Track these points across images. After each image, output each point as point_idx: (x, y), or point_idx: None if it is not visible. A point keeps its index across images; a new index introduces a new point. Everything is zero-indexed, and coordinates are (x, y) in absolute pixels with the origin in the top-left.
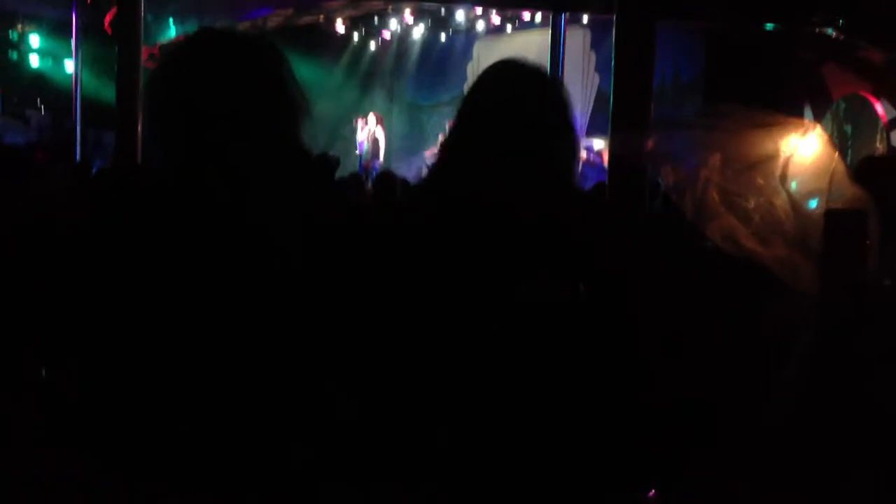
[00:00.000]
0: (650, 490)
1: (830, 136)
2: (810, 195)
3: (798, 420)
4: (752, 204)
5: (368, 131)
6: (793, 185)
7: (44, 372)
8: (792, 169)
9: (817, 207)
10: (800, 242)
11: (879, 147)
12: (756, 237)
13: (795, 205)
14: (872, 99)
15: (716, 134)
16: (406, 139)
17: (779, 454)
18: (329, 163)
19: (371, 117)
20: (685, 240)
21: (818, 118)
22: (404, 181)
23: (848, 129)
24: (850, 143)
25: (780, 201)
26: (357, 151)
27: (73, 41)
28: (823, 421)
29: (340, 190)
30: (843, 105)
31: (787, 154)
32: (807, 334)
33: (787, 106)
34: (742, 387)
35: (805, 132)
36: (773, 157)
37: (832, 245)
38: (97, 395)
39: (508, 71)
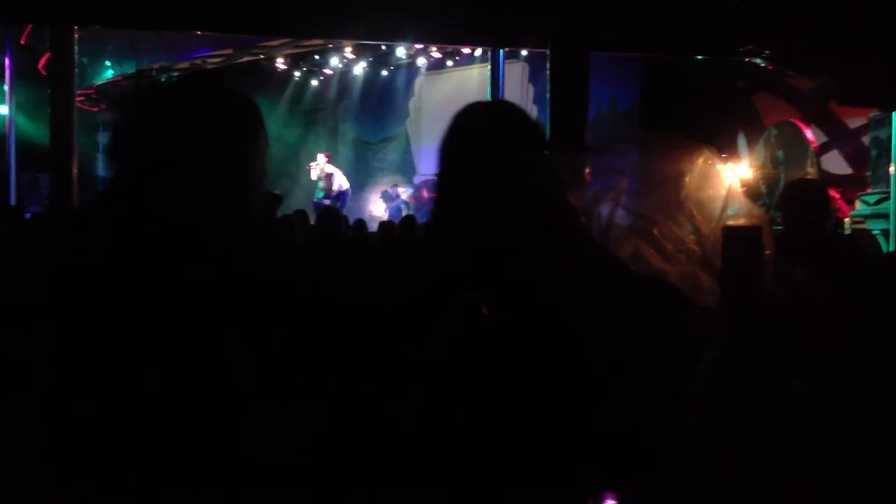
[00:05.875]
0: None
1: (764, 162)
2: (708, 213)
3: (708, 432)
4: (656, 224)
5: (320, 170)
6: (693, 205)
7: None
8: (691, 189)
9: (715, 225)
10: (701, 259)
11: (811, 171)
12: (662, 256)
13: (696, 223)
14: (802, 125)
15: (621, 158)
16: (351, 176)
17: (699, 465)
18: (270, 200)
19: (319, 157)
20: (598, 260)
21: (752, 144)
22: (346, 217)
23: (780, 154)
24: (782, 167)
25: (682, 220)
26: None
27: (6, 85)
28: (732, 432)
29: (286, 226)
30: (774, 131)
31: (687, 175)
32: (711, 348)
33: (721, 133)
34: (658, 401)
35: (701, 154)
36: (674, 178)
37: (730, 260)
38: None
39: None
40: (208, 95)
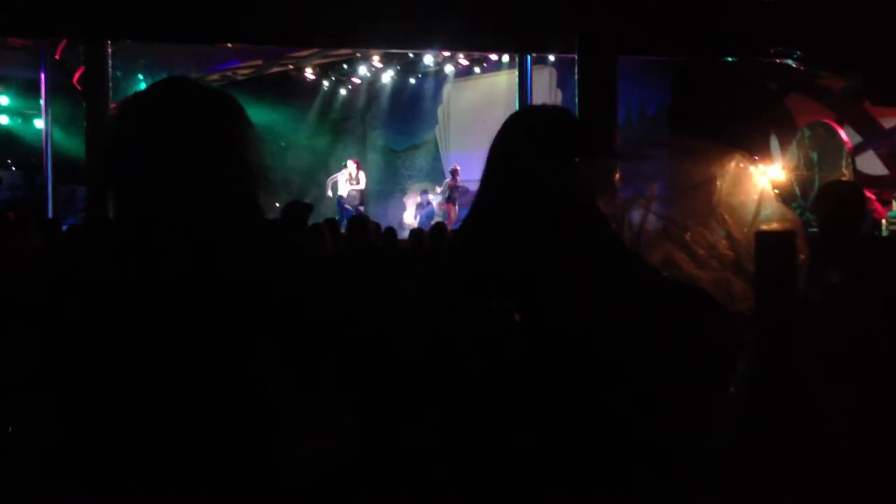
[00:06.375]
0: None
1: (797, 164)
2: (741, 218)
3: (742, 438)
4: (688, 230)
5: (349, 175)
6: (725, 209)
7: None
8: (723, 194)
9: (748, 229)
10: (734, 264)
11: (846, 172)
12: (694, 261)
13: (728, 228)
14: (836, 126)
15: (651, 163)
16: (380, 184)
17: (726, 472)
18: (301, 209)
19: (350, 164)
20: (628, 264)
21: (784, 146)
22: (377, 225)
23: (814, 155)
24: (816, 169)
25: (714, 225)
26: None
27: (42, 99)
28: (766, 438)
29: (316, 234)
30: (807, 132)
31: (719, 180)
32: (744, 353)
33: (753, 135)
34: (687, 407)
35: (733, 158)
36: (705, 183)
37: (764, 265)
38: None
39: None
40: (189, 96)
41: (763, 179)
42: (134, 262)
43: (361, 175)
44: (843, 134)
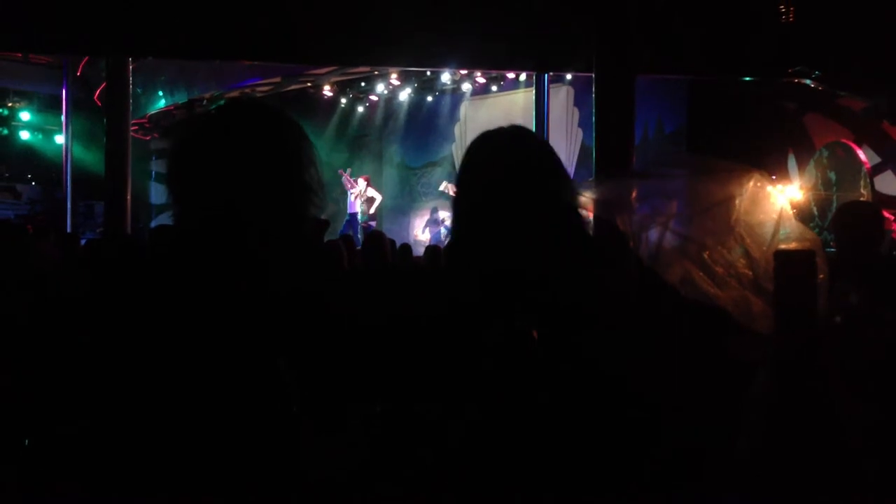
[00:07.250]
0: None
1: (815, 183)
2: (759, 237)
3: (763, 454)
4: (706, 248)
5: (359, 192)
6: (743, 229)
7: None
8: (741, 213)
9: (767, 249)
10: (753, 283)
11: (864, 193)
12: (712, 280)
13: (747, 247)
14: (854, 146)
15: (669, 182)
16: (396, 200)
17: (746, 489)
18: (318, 225)
19: (360, 181)
20: (646, 284)
21: (802, 166)
22: (392, 242)
23: (832, 175)
24: (834, 189)
25: (733, 244)
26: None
27: (63, 115)
28: (786, 456)
29: (331, 251)
30: (825, 153)
31: (737, 199)
32: (764, 372)
33: (770, 155)
34: (706, 425)
35: (752, 177)
36: (724, 202)
37: (783, 285)
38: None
39: (495, 139)
40: (259, 115)
41: (782, 198)
42: (190, 268)
43: (372, 192)
44: (861, 154)
